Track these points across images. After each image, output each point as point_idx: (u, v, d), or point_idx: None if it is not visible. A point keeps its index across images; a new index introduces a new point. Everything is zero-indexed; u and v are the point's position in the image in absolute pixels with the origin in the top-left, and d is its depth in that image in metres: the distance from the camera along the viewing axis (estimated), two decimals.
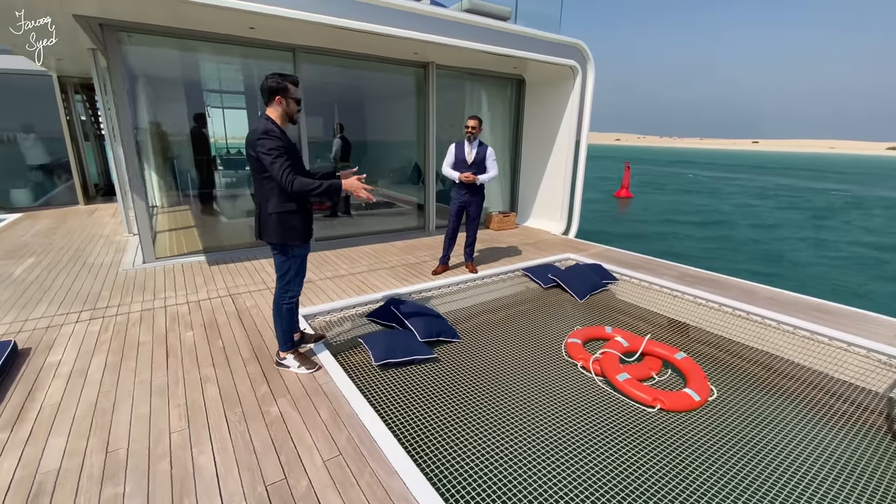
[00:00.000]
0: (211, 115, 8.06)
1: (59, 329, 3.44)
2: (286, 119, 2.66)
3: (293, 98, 2.63)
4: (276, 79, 2.57)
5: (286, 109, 2.62)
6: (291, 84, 2.61)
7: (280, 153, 2.48)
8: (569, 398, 3.08)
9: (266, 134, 2.48)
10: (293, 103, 2.64)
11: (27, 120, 8.53)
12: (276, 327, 2.92)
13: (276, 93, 2.57)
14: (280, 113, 2.61)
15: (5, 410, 2.44)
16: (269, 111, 2.61)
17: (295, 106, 2.66)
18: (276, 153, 2.47)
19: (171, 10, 4.14)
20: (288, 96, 2.60)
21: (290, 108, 2.64)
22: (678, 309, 4.58)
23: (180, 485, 1.98)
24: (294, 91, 2.63)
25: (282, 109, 2.61)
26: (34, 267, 4.89)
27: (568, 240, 7.05)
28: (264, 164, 2.49)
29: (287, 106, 2.62)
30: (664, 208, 19.47)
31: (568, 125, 7.10)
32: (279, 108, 2.60)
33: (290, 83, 2.60)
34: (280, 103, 2.60)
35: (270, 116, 2.59)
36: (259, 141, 2.47)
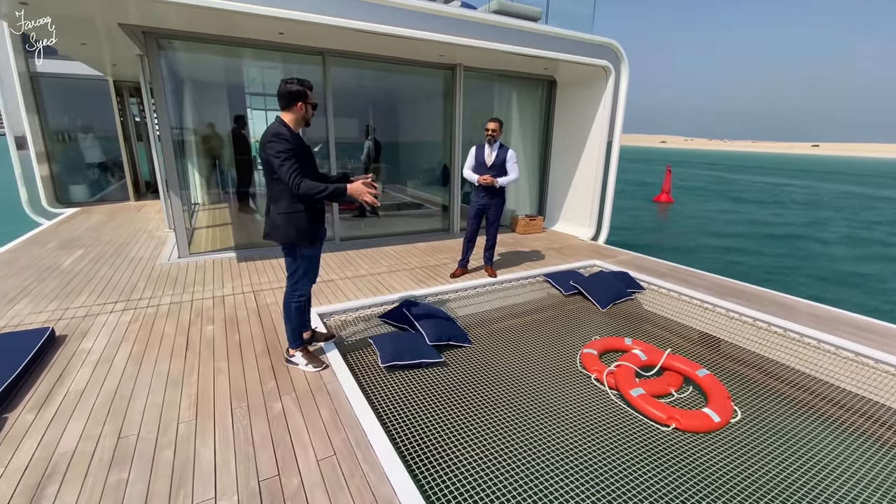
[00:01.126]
0: (252, 116, 8.42)
1: (95, 318, 3.68)
2: (301, 123, 2.72)
3: (311, 103, 2.70)
4: (296, 84, 2.62)
5: (304, 115, 2.69)
6: (308, 90, 2.67)
7: (289, 156, 2.54)
8: (579, 411, 2.97)
9: (276, 137, 2.54)
10: (309, 108, 2.70)
11: (86, 121, 9.22)
12: (285, 325, 2.99)
13: (299, 98, 2.63)
14: (296, 117, 2.67)
15: (35, 394, 2.63)
16: (284, 115, 2.66)
17: (311, 110, 2.73)
18: (285, 156, 2.53)
19: (203, 18, 4.33)
20: (307, 101, 2.67)
21: (308, 112, 2.71)
22: (708, 322, 4.33)
23: (180, 475, 2.06)
24: (311, 96, 2.70)
25: (300, 114, 2.67)
26: (82, 258, 5.26)
27: (595, 245, 6.84)
28: (273, 166, 2.55)
29: (305, 111, 2.68)
30: (706, 216, 18.51)
31: (600, 127, 6.88)
32: (297, 113, 2.66)
33: (308, 88, 2.67)
34: (300, 109, 2.65)
35: (284, 120, 2.65)
36: (269, 143, 2.54)
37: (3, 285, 4.30)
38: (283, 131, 2.58)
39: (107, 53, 6.44)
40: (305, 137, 2.87)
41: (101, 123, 9.27)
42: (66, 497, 1.92)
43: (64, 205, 8.55)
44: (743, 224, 16.52)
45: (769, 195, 26.86)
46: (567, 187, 7.64)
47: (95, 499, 1.91)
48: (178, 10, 4.03)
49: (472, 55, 5.98)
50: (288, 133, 2.60)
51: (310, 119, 2.75)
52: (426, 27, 5.03)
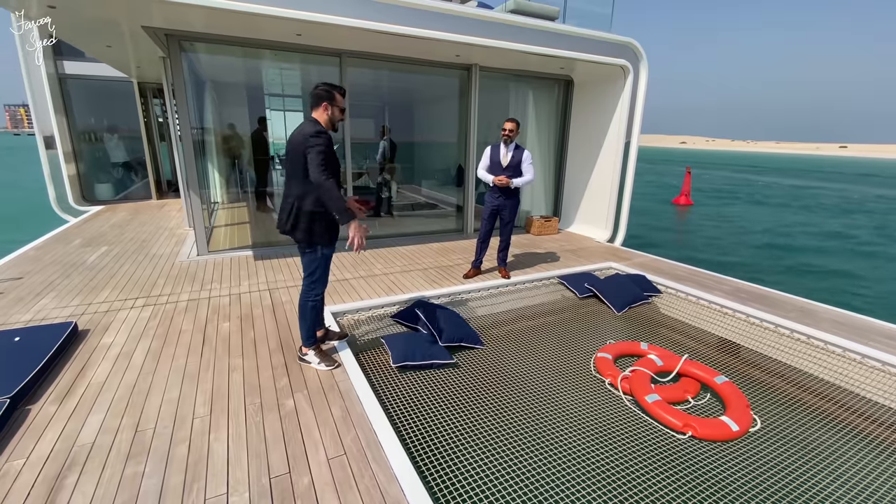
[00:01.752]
0: (270, 117, 8.56)
1: (116, 314, 3.78)
2: (329, 125, 2.80)
3: (338, 107, 2.80)
4: (324, 87, 2.76)
5: (331, 116, 2.78)
6: (339, 94, 2.79)
7: (324, 150, 2.62)
8: (592, 416, 2.93)
9: (318, 134, 2.63)
10: (338, 111, 2.81)
11: (111, 121, 9.49)
12: (300, 323, 3.02)
13: (323, 100, 2.75)
14: (325, 119, 2.77)
15: (58, 386, 2.71)
16: (315, 114, 2.78)
17: (339, 114, 2.83)
18: (321, 149, 2.60)
19: (223, 20, 4.41)
20: (334, 104, 2.77)
21: (335, 115, 2.81)
22: (728, 327, 4.23)
23: (194, 469, 2.09)
24: (340, 100, 2.81)
25: (327, 116, 2.77)
26: (105, 255, 5.41)
27: (612, 248, 6.74)
28: (308, 158, 2.60)
29: (332, 113, 2.78)
30: (727, 220, 18.10)
31: (617, 127, 6.78)
32: (325, 115, 2.76)
33: (338, 93, 2.79)
34: (326, 109, 2.76)
35: (318, 120, 2.75)
36: (312, 139, 2.60)
37: (30, 281, 4.45)
38: (323, 129, 2.69)
39: (131, 55, 6.61)
40: None
41: (126, 124, 9.54)
42: (84, 487, 1.97)
43: (89, 203, 8.81)
44: (767, 229, 16.08)
45: (793, 198, 26.13)
46: (583, 188, 7.54)
47: (112, 490, 1.96)
48: (199, 13, 4.11)
49: (489, 55, 5.96)
50: (327, 133, 2.70)
51: (337, 122, 2.85)
52: (442, 27, 5.02)
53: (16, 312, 3.70)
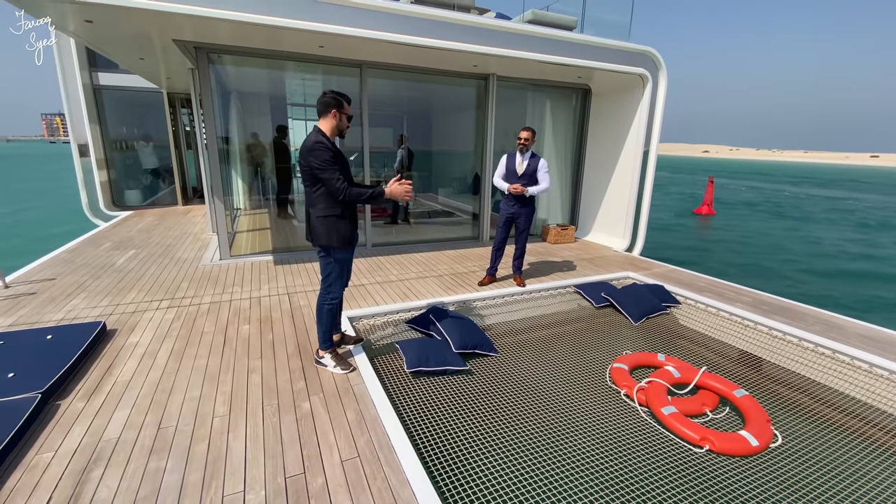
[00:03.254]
0: (293, 126, 8.79)
1: (142, 314, 3.92)
2: (336, 132, 2.86)
3: (345, 114, 2.86)
4: (332, 95, 2.81)
5: (338, 124, 2.83)
6: (346, 102, 2.85)
7: (332, 163, 2.69)
8: (606, 427, 2.90)
9: (318, 145, 2.69)
10: (345, 119, 2.86)
11: (142, 130, 9.88)
12: (317, 326, 3.08)
13: (330, 107, 2.80)
14: (331, 126, 2.82)
15: (86, 383, 2.82)
16: (320, 123, 2.83)
17: (346, 122, 2.88)
18: (329, 164, 2.68)
19: (249, 32, 4.57)
20: (341, 112, 2.83)
21: (342, 123, 2.86)
22: (749, 340, 4.13)
23: (212, 467, 2.15)
24: (347, 108, 2.86)
25: (334, 123, 2.82)
26: (133, 258, 5.61)
27: (629, 257, 6.66)
28: (316, 173, 2.70)
29: (339, 121, 2.83)
30: (751, 231, 17.65)
31: (636, 136, 6.74)
32: (332, 122, 2.82)
33: (345, 101, 2.84)
34: (334, 117, 2.81)
35: (322, 129, 2.81)
36: (311, 153, 2.69)
37: (63, 282, 4.64)
38: (322, 140, 2.74)
39: (162, 67, 6.90)
40: (340, 146, 2.98)
41: (155, 132, 9.92)
42: (109, 481, 2.05)
43: (119, 208, 9.15)
44: (792, 241, 15.62)
45: (820, 209, 25.35)
46: (601, 197, 7.50)
47: (136, 484, 2.03)
48: (227, 26, 4.28)
49: (506, 65, 6.01)
50: (327, 142, 2.74)
51: (344, 130, 2.90)
52: (461, 38, 5.10)
53: (49, 311, 3.87)
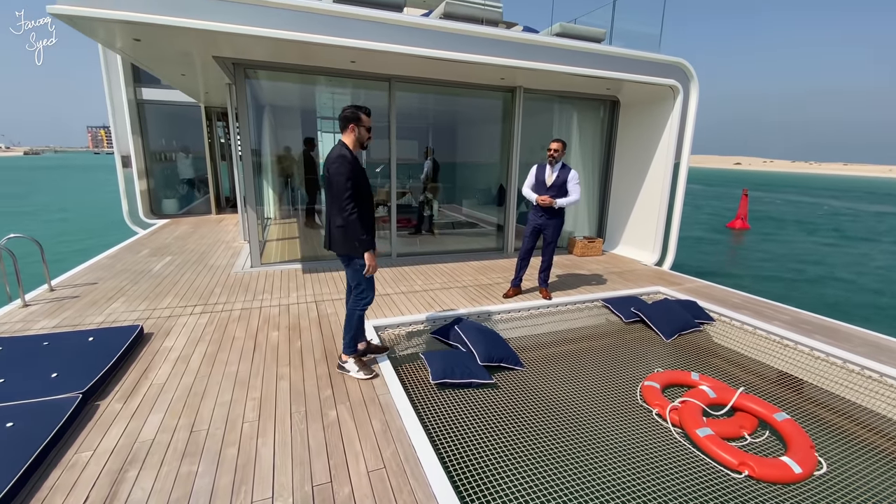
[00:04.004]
0: (322, 139, 9.03)
1: (177, 319, 4.05)
2: (358, 145, 2.96)
3: (364, 126, 2.94)
4: (351, 109, 2.91)
5: (358, 136, 2.93)
6: (364, 115, 2.93)
7: (348, 177, 2.78)
8: (638, 448, 2.80)
9: (340, 159, 2.79)
10: (364, 131, 2.95)
11: (180, 142, 10.33)
12: (345, 332, 3.12)
13: (350, 121, 2.90)
14: (353, 139, 2.93)
15: (124, 385, 2.93)
16: (343, 137, 2.95)
17: (366, 133, 2.96)
18: (346, 178, 2.77)
19: (289, 50, 4.74)
20: (360, 125, 2.92)
21: (362, 135, 2.95)
22: (789, 361, 3.94)
23: (242, 472, 2.18)
24: (366, 121, 2.94)
25: (354, 136, 2.92)
26: (169, 264, 5.82)
27: (660, 271, 6.49)
28: (333, 184, 2.79)
29: (359, 133, 2.93)
30: (788, 245, 16.95)
31: (666, 148, 6.61)
32: (352, 135, 2.92)
33: (364, 114, 2.93)
34: (353, 131, 2.91)
35: (345, 142, 2.92)
36: (333, 165, 2.79)
37: (104, 286, 4.85)
38: (346, 154, 2.83)
39: (201, 82, 7.22)
40: (368, 157, 3.06)
41: (192, 144, 10.36)
42: (143, 482, 2.10)
43: (156, 216, 9.54)
44: (835, 257, 14.91)
45: (863, 225, 24.15)
46: (629, 209, 7.36)
47: (168, 486, 2.07)
48: (264, 43, 4.44)
49: (534, 77, 6.02)
50: (350, 155, 2.83)
51: (365, 142, 2.99)
52: (489, 52, 5.15)
53: (90, 314, 4.05)
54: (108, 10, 3.72)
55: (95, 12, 3.69)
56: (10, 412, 2.48)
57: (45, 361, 3.05)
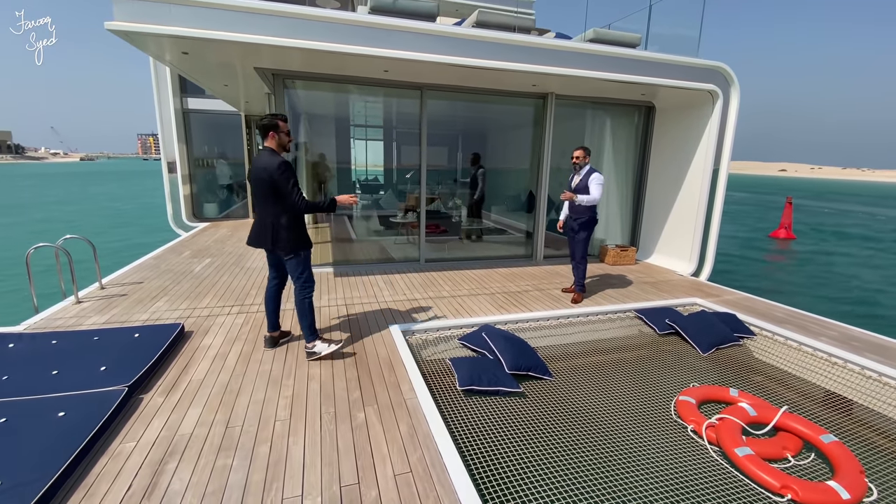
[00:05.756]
0: (354, 146, 9.23)
1: (216, 318, 4.21)
2: (281, 149, 3.24)
3: (283, 132, 3.24)
4: (268, 118, 3.21)
5: (279, 141, 3.23)
6: (281, 121, 3.23)
7: (295, 180, 3.13)
8: (671, 464, 2.70)
9: (284, 164, 3.10)
10: (284, 136, 3.25)
11: (221, 149, 10.81)
12: (301, 322, 3.42)
13: (269, 129, 3.19)
14: (275, 144, 3.22)
15: (165, 379, 3.07)
16: (267, 143, 3.22)
17: (286, 138, 3.27)
18: (293, 180, 3.12)
19: (326, 61, 4.89)
20: (279, 131, 3.22)
21: (282, 139, 3.25)
22: (837, 379, 3.72)
23: (273, 469, 2.25)
24: (283, 126, 3.24)
25: (276, 142, 3.22)
26: (209, 266, 6.08)
27: (696, 282, 6.26)
28: (281, 188, 3.09)
29: (279, 139, 3.23)
30: (836, 257, 16.00)
31: (704, 154, 6.39)
32: (274, 141, 3.22)
33: (280, 121, 3.23)
34: (273, 137, 3.21)
35: (272, 147, 3.20)
36: (278, 170, 3.06)
37: (149, 285, 5.12)
38: (282, 159, 3.11)
39: (242, 92, 7.54)
40: (399, 164, 3.15)
41: (232, 151, 10.81)
42: (182, 474, 2.19)
43: (198, 219, 9.99)
44: (889, 270, 13.96)
45: None
46: (665, 217, 7.14)
47: (205, 479, 2.16)
48: (303, 54, 4.60)
49: (566, 84, 5.97)
50: (287, 160, 3.14)
51: (287, 145, 3.28)
52: (522, 59, 5.15)
53: (136, 312, 4.27)
54: (160, 26, 3.96)
55: (149, 28, 3.93)
56: (62, 402, 2.65)
57: (95, 355, 3.24)
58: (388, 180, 8.99)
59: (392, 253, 7.05)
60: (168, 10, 3.97)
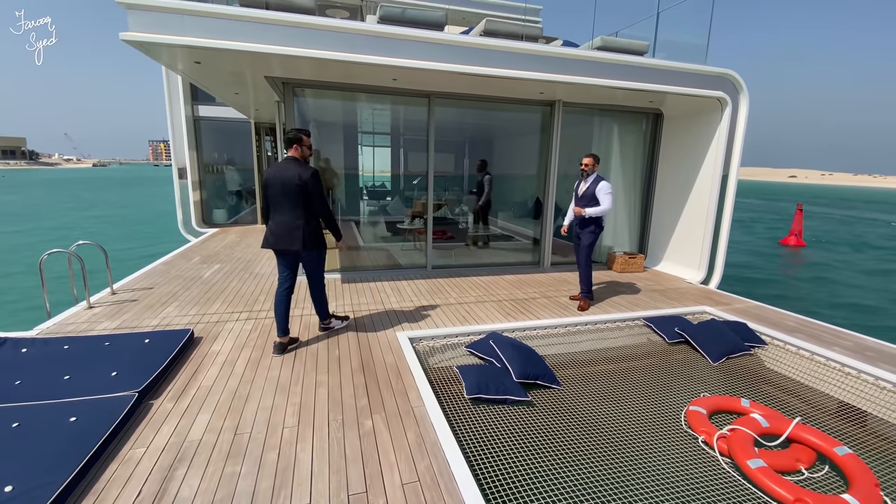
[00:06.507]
0: (362, 152, 9.29)
1: (224, 324, 4.24)
2: (303, 160, 3.64)
3: (306, 145, 3.66)
4: (293, 132, 3.62)
5: (301, 153, 3.63)
6: (305, 136, 3.65)
7: (322, 189, 3.60)
8: (682, 475, 2.66)
9: (316, 174, 3.55)
10: (306, 149, 3.67)
11: (230, 155, 10.94)
12: (321, 307, 4.03)
13: (293, 142, 3.60)
14: (298, 155, 3.61)
15: (175, 385, 3.09)
16: (290, 153, 3.62)
17: (307, 150, 3.68)
18: (322, 188, 3.60)
19: (335, 70, 4.95)
20: (302, 144, 3.63)
21: (304, 152, 3.66)
22: (851, 390, 3.65)
23: (282, 476, 2.25)
24: (307, 140, 3.66)
25: (299, 153, 3.62)
26: (218, 272, 6.13)
27: (706, 290, 6.20)
28: (313, 195, 3.55)
29: (302, 151, 3.64)
30: (849, 266, 15.78)
31: (713, 161, 6.36)
32: (297, 153, 3.61)
33: (304, 135, 3.65)
34: (296, 149, 3.61)
35: (295, 157, 3.60)
36: (313, 179, 3.53)
37: (159, 291, 5.17)
38: (314, 169, 3.54)
39: (251, 100, 7.64)
40: (405, 170, 3.21)
41: (241, 158, 10.94)
42: (191, 481, 2.20)
43: (207, 225, 10.09)
44: None
45: None
46: (673, 225, 7.10)
47: (213, 486, 2.16)
48: (312, 63, 4.66)
49: (574, 91, 5.99)
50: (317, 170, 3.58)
51: (308, 157, 3.70)
52: (530, 67, 5.18)
53: (147, 317, 4.32)
54: (173, 36, 4.03)
55: (163, 38, 4.01)
56: (74, 407, 2.68)
57: (106, 360, 3.28)
58: (395, 186, 9.04)
59: (399, 259, 7.07)
60: (181, 21, 4.04)
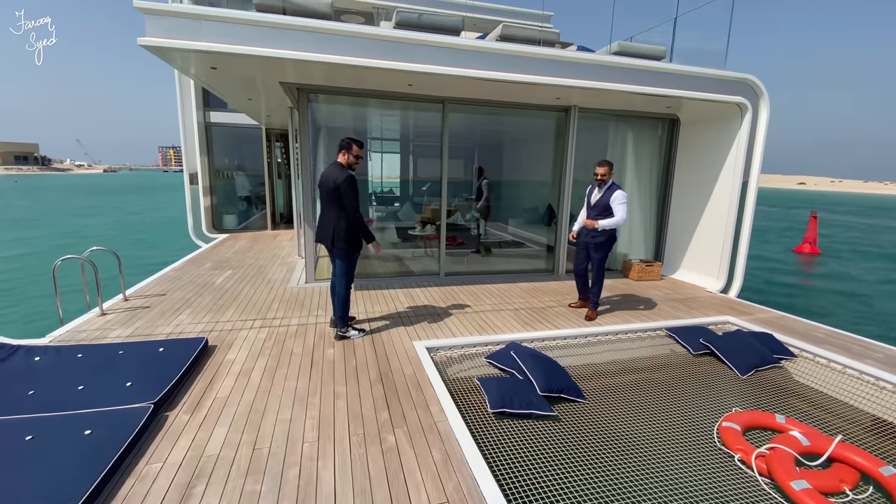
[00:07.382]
0: (371, 158, 9.25)
1: (238, 332, 4.17)
2: (348, 166, 3.89)
3: (354, 154, 3.91)
4: (346, 140, 3.89)
5: (347, 160, 3.89)
6: (356, 145, 3.90)
7: (356, 194, 3.81)
8: (719, 495, 2.53)
9: (351, 178, 3.79)
10: (353, 157, 3.91)
11: (241, 161, 10.95)
12: (341, 310, 4.02)
13: (342, 148, 3.90)
14: (345, 161, 3.89)
15: (191, 396, 3.01)
16: (339, 158, 3.91)
17: (354, 160, 3.91)
18: (354, 194, 3.80)
19: (351, 75, 4.91)
20: (350, 153, 3.88)
21: (350, 160, 3.90)
22: (888, 406, 3.50)
23: (304, 493, 2.15)
24: (356, 150, 3.90)
25: (345, 160, 3.89)
26: (230, 278, 6.08)
27: (727, 299, 6.05)
28: (344, 198, 3.77)
29: (349, 158, 3.89)
30: (866, 274, 15.49)
31: (732, 168, 6.23)
32: (344, 159, 3.89)
33: (356, 145, 3.90)
34: (343, 156, 3.89)
35: (342, 163, 3.88)
36: (345, 183, 3.75)
37: (171, 297, 5.11)
38: (350, 173, 3.82)
39: (264, 106, 7.62)
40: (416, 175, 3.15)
41: (252, 164, 10.94)
42: (209, 499, 2.11)
43: (217, 231, 10.08)
44: None
45: None
46: (691, 232, 6.96)
47: None
48: (327, 68, 4.61)
49: (590, 97, 5.91)
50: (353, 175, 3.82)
51: (354, 165, 3.92)
52: (546, 72, 5.10)
53: (160, 325, 4.25)
54: (191, 42, 4.00)
55: (180, 43, 3.98)
56: (89, 419, 2.60)
57: (120, 370, 3.21)
58: (406, 192, 8.98)
59: (411, 266, 6.99)
60: (199, 26, 4.01)
